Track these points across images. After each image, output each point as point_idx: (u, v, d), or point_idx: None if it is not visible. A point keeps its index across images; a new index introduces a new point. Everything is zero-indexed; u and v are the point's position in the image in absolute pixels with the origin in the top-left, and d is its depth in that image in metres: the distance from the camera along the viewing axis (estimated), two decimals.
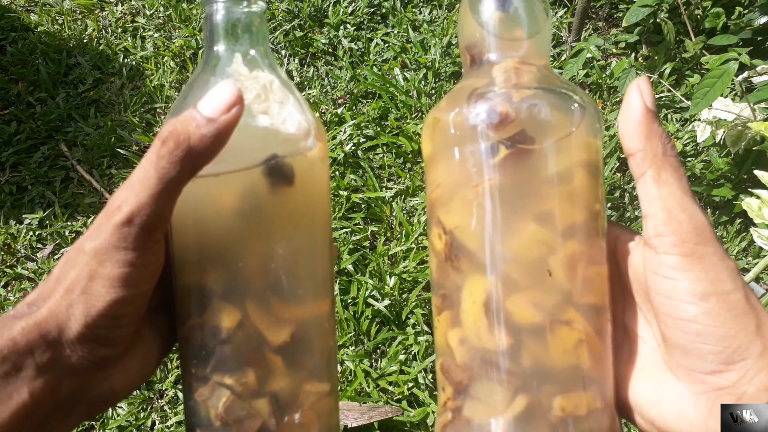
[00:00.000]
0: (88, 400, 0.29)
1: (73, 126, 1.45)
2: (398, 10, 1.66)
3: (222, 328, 0.31)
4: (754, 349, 0.26)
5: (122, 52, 1.60)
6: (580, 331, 0.30)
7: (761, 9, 1.35)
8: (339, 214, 1.30)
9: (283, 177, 0.31)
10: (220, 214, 0.31)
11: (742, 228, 1.29)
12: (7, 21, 1.63)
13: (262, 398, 0.31)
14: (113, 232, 0.27)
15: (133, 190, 0.27)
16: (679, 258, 0.28)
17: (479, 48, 0.34)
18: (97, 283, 0.27)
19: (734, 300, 0.27)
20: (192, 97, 0.32)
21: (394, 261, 1.25)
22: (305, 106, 0.34)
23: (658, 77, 1.45)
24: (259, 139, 0.31)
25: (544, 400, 0.29)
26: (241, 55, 0.33)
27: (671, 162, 0.29)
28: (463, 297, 0.31)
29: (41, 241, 1.31)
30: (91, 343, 0.28)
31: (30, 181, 1.38)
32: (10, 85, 1.52)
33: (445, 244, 0.32)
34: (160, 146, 0.27)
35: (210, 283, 0.31)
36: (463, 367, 0.31)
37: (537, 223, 0.30)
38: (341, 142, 1.41)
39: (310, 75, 1.56)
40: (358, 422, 1.03)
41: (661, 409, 0.29)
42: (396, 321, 1.17)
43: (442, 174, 0.33)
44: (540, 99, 0.31)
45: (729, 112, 1.17)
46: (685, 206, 0.28)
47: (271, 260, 0.31)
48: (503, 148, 0.30)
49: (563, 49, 1.60)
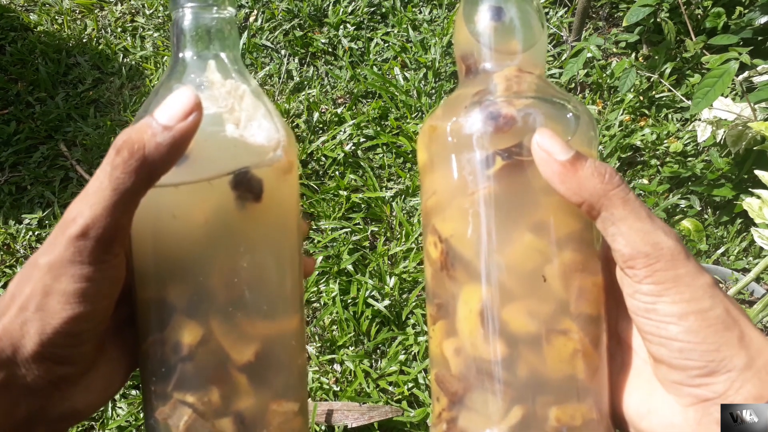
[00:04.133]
0: (48, 420, 0.28)
1: (73, 126, 1.45)
2: (398, 10, 1.66)
3: (183, 345, 0.29)
4: (738, 360, 0.26)
5: (122, 52, 1.60)
6: (576, 341, 0.30)
7: (762, 9, 1.35)
8: (339, 214, 1.30)
9: (251, 190, 0.30)
10: (183, 226, 0.30)
11: (743, 228, 1.29)
12: (7, 21, 1.63)
13: (226, 417, 0.29)
14: (68, 245, 0.26)
15: (87, 202, 0.26)
16: (653, 286, 0.28)
17: (474, 58, 0.34)
18: (52, 299, 0.26)
19: (714, 316, 0.27)
20: (154, 105, 0.30)
21: (394, 261, 1.25)
22: (276, 115, 0.33)
23: (659, 77, 1.45)
24: (227, 150, 0.30)
25: (540, 411, 0.29)
26: (213, 62, 0.32)
27: (617, 195, 0.28)
28: (458, 306, 0.31)
29: (40, 242, 1.31)
30: (48, 362, 0.27)
31: (29, 181, 1.38)
32: (9, 85, 1.51)
33: (441, 253, 0.32)
34: (114, 155, 0.26)
35: (171, 297, 0.30)
36: (458, 377, 0.31)
37: (533, 232, 0.30)
38: (341, 142, 1.41)
39: (309, 75, 1.55)
40: (358, 422, 1.03)
41: (651, 421, 0.29)
42: (396, 321, 1.17)
43: (438, 182, 0.33)
44: (536, 108, 0.31)
45: (729, 112, 1.17)
46: (647, 236, 0.28)
47: (235, 274, 0.30)
48: (500, 159, 0.30)
49: (563, 48, 1.60)
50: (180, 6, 0.32)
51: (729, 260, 1.26)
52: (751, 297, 1.19)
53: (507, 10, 0.33)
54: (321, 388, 1.10)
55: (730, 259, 1.27)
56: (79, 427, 1.08)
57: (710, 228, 1.31)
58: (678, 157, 1.39)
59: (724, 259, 1.27)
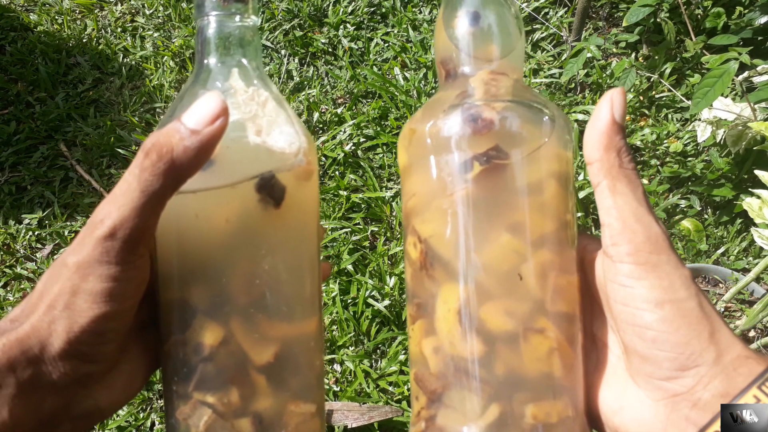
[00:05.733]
0: (72, 418, 0.29)
1: (73, 126, 1.45)
2: (398, 10, 1.66)
3: (205, 345, 0.30)
4: (708, 356, 0.27)
5: (122, 52, 1.60)
6: (552, 340, 0.31)
7: (762, 9, 1.35)
8: (339, 214, 1.30)
9: (274, 194, 0.31)
10: (206, 229, 0.30)
11: (743, 228, 1.29)
12: (7, 21, 1.63)
13: (245, 418, 0.30)
14: (96, 245, 0.27)
15: (116, 204, 0.27)
16: (634, 266, 0.28)
17: (453, 62, 0.35)
18: (79, 299, 0.27)
19: (688, 307, 0.28)
20: (180, 110, 0.31)
21: (394, 261, 1.25)
22: (297, 122, 0.34)
23: (659, 77, 1.45)
24: (250, 155, 0.31)
25: (517, 409, 0.30)
26: (236, 69, 0.33)
27: (627, 174, 0.29)
28: (437, 305, 0.32)
29: (40, 241, 1.31)
30: (74, 360, 0.28)
31: (29, 181, 1.38)
32: (9, 85, 1.51)
33: (420, 253, 0.32)
34: (143, 158, 0.27)
35: (194, 298, 0.30)
36: (437, 375, 0.31)
37: (509, 233, 0.31)
38: (341, 142, 1.41)
39: (309, 75, 1.55)
40: (358, 422, 1.03)
41: (623, 417, 0.30)
42: (396, 321, 1.17)
43: (418, 184, 0.34)
44: (512, 112, 0.32)
45: (729, 112, 1.17)
46: (640, 216, 0.29)
47: (256, 276, 0.31)
48: (477, 165, 0.31)
49: (563, 48, 1.60)
50: (205, 14, 0.33)
51: (729, 260, 1.26)
52: (751, 297, 1.19)
53: (485, 15, 0.34)
54: None
55: (730, 259, 1.27)
56: None
57: (710, 228, 1.31)
58: (678, 157, 1.39)
59: (724, 259, 1.27)
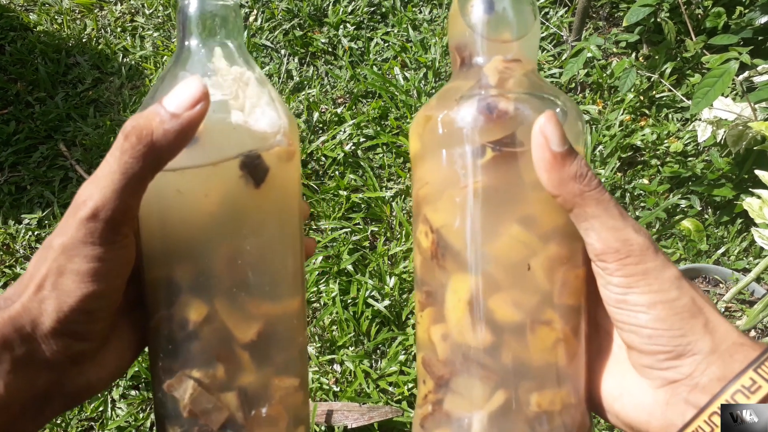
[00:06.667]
0: (64, 394, 0.30)
1: (72, 126, 1.45)
2: (398, 10, 1.66)
3: (189, 321, 0.31)
4: (703, 345, 0.28)
5: (121, 52, 1.60)
6: (558, 331, 0.31)
7: (762, 8, 1.35)
8: (339, 214, 1.30)
9: (257, 173, 0.31)
10: (189, 208, 0.31)
11: (743, 228, 1.29)
12: (6, 20, 1.63)
13: (230, 392, 0.31)
14: (79, 227, 0.27)
15: (97, 185, 0.27)
16: (623, 278, 0.30)
17: (469, 49, 0.35)
18: (67, 279, 0.28)
19: (680, 305, 0.29)
20: (161, 92, 0.31)
21: (394, 261, 1.25)
22: (280, 102, 0.34)
23: (659, 77, 1.45)
24: (232, 135, 0.31)
25: (522, 396, 0.31)
26: (218, 49, 0.33)
27: (592, 196, 0.29)
28: (447, 295, 0.32)
29: (40, 241, 1.31)
30: (65, 338, 0.29)
31: (29, 181, 1.38)
32: (9, 85, 1.51)
33: (432, 243, 0.33)
34: (123, 141, 0.27)
35: (177, 276, 0.31)
36: (444, 362, 0.32)
37: (520, 225, 0.31)
38: (341, 142, 1.41)
39: (309, 74, 1.55)
40: (357, 423, 1.03)
41: (623, 403, 0.31)
42: (396, 321, 1.17)
43: (430, 172, 0.34)
44: (525, 103, 0.32)
45: (730, 112, 1.17)
46: (618, 233, 0.29)
47: (239, 256, 0.31)
48: (489, 151, 0.31)
49: (564, 48, 1.60)
50: None
51: (729, 260, 1.26)
52: (751, 297, 1.19)
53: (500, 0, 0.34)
54: (321, 389, 1.10)
55: (730, 259, 1.27)
56: (79, 428, 1.08)
57: (710, 228, 1.31)
58: (678, 157, 1.39)
59: (725, 259, 1.27)
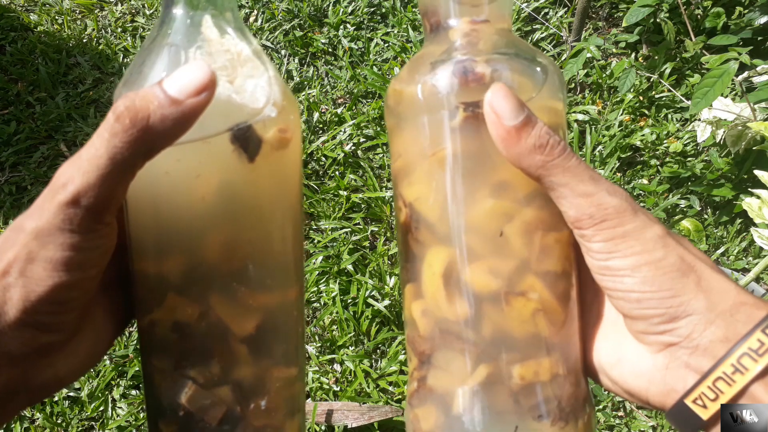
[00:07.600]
0: (29, 389, 0.27)
1: (73, 126, 1.45)
2: (398, 10, 1.66)
3: (183, 319, 0.29)
4: (698, 303, 0.27)
5: (122, 52, 1.60)
6: (536, 301, 0.30)
7: (761, 9, 1.35)
8: (339, 214, 1.30)
9: (249, 145, 0.29)
10: (179, 191, 0.28)
11: (743, 228, 1.29)
12: (7, 21, 1.63)
13: (227, 386, 0.29)
14: (57, 212, 0.24)
15: (80, 168, 0.24)
16: (603, 244, 0.28)
17: (438, 13, 0.33)
18: (37, 266, 0.25)
19: (667, 264, 0.27)
20: (149, 66, 0.28)
21: (394, 261, 1.25)
22: (275, 76, 0.31)
23: (659, 77, 1.45)
24: (223, 109, 0.28)
25: (505, 369, 0.29)
26: (209, 17, 0.30)
27: (557, 164, 0.28)
28: (423, 269, 0.31)
29: None
30: (31, 329, 0.25)
31: (29, 181, 1.38)
32: (9, 85, 1.51)
33: (406, 217, 0.32)
34: (113, 122, 0.24)
35: (170, 269, 0.29)
36: (425, 337, 0.31)
37: (494, 191, 0.30)
38: (341, 142, 1.41)
39: (309, 75, 1.55)
40: (358, 422, 1.03)
41: (622, 370, 0.30)
42: (396, 321, 1.17)
43: (403, 145, 0.33)
44: (501, 63, 0.30)
45: (729, 112, 1.17)
46: (590, 198, 0.28)
47: (236, 242, 0.29)
48: (462, 111, 0.30)
49: (563, 48, 1.60)
50: None
51: (729, 260, 1.26)
52: None
53: None
54: (321, 388, 1.10)
55: (730, 259, 1.27)
56: (79, 427, 1.08)
57: (710, 228, 1.31)
58: (678, 157, 1.39)
59: (724, 259, 1.27)
